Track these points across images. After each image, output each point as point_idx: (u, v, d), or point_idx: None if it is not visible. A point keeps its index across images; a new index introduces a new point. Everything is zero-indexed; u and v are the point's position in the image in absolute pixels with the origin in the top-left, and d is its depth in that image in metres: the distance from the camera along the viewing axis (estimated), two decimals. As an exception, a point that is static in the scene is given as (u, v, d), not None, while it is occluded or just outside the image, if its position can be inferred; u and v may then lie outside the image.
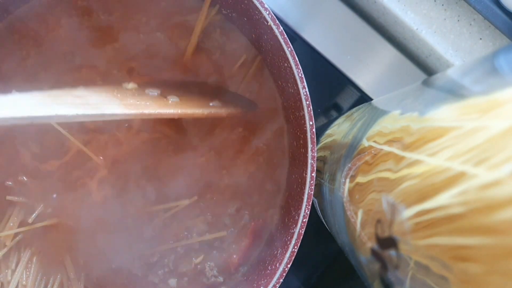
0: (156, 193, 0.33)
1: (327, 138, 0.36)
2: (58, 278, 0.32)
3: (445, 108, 0.17)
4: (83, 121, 0.32)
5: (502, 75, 0.16)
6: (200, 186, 0.34)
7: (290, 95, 0.30)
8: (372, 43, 0.45)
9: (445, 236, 0.14)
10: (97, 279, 0.32)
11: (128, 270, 0.33)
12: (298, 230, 0.28)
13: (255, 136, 0.34)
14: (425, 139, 0.17)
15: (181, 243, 0.33)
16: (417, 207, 0.16)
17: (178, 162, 0.33)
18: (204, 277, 0.33)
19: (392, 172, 0.19)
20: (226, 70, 0.34)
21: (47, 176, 0.32)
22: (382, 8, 0.42)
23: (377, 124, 0.25)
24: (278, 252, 0.30)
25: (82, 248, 0.32)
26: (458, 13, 0.40)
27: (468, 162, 0.14)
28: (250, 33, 0.33)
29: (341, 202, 0.26)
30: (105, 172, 0.32)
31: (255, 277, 0.31)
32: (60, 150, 0.32)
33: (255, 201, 0.34)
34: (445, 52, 0.41)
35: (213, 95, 0.32)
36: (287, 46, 0.28)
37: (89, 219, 0.32)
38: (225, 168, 0.34)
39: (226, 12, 0.33)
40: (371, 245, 0.21)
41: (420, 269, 0.16)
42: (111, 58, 0.33)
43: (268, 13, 0.28)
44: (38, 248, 0.32)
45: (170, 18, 0.33)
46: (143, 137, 0.33)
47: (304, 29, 0.44)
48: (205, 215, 0.34)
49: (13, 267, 0.31)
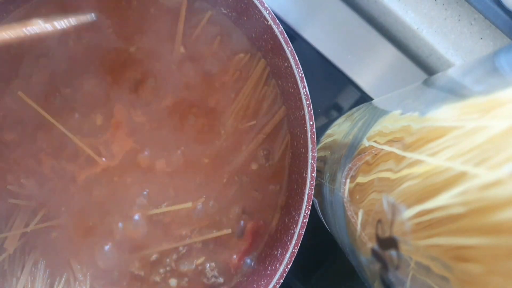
0: (156, 193, 0.33)
1: (327, 138, 0.36)
2: (64, 280, 0.32)
3: (445, 108, 0.17)
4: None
5: (503, 75, 0.16)
6: (200, 186, 0.34)
7: (290, 94, 0.30)
8: (372, 42, 0.44)
9: (445, 237, 0.14)
10: (101, 278, 0.33)
11: (129, 270, 0.33)
12: (298, 231, 0.28)
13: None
14: (426, 139, 0.17)
15: (182, 243, 0.33)
16: (417, 207, 0.16)
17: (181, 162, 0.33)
18: (204, 278, 0.33)
19: (392, 172, 0.19)
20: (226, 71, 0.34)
21: (51, 178, 0.32)
22: (382, 7, 0.42)
23: (377, 124, 0.24)
24: (278, 253, 0.30)
25: (86, 248, 0.32)
26: (458, 12, 0.40)
27: (468, 162, 0.14)
28: (250, 32, 0.33)
29: (342, 202, 0.26)
30: (108, 172, 0.32)
31: (255, 277, 0.31)
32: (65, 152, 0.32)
33: (255, 202, 0.34)
34: (446, 52, 0.41)
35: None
36: (287, 45, 0.28)
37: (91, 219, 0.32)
38: (226, 169, 0.34)
39: (226, 12, 0.33)
40: (371, 245, 0.21)
41: (421, 270, 0.16)
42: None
43: (268, 13, 0.28)
44: (42, 251, 0.32)
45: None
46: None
47: (305, 29, 0.44)
48: (205, 215, 0.34)
49: (18, 274, 0.31)
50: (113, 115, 0.33)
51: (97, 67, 0.32)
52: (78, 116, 0.32)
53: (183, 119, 0.33)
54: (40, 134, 0.32)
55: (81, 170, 0.33)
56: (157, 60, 0.33)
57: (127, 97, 0.33)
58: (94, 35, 0.32)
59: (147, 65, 0.33)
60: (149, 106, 0.33)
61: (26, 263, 0.32)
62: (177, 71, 0.33)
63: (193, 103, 0.33)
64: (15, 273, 0.32)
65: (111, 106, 0.32)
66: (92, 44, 0.32)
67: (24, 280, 0.31)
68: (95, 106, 0.32)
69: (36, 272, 0.32)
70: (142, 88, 0.33)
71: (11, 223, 0.32)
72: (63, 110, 0.32)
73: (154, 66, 0.33)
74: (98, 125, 0.33)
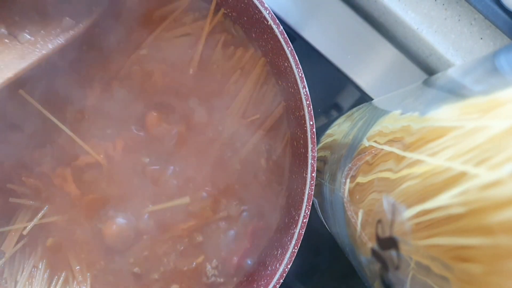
0: (156, 192, 0.33)
1: (327, 138, 0.36)
2: (63, 280, 0.32)
3: (445, 108, 0.17)
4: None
5: (503, 75, 0.16)
6: (199, 187, 0.34)
7: (290, 95, 0.30)
8: (372, 42, 0.44)
9: (445, 237, 0.14)
10: (101, 279, 0.33)
11: (129, 269, 0.33)
12: (298, 231, 0.28)
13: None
14: (426, 139, 0.17)
15: (181, 242, 0.33)
16: (417, 207, 0.16)
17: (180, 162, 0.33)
18: (204, 277, 0.33)
19: (392, 172, 0.19)
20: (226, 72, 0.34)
21: (51, 178, 0.32)
22: (382, 7, 0.42)
23: (377, 124, 0.24)
24: (278, 253, 0.30)
25: (86, 248, 0.32)
26: (458, 12, 0.40)
27: (469, 162, 0.14)
28: (250, 32, 0.33)
29: (342, 202, 0.26)
30: (107, 170, 0.32)
31: (255, 277, 0.31)
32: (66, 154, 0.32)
33: (255, 202, 0.34)
34: (446, 52, 0.41)
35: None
36: (287, 45, 0.28)
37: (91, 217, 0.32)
38: (225, 169, 0.34)
39: (226, 12, 0.33)
40: (371, 245, 0.21)
41: (421, 270, 0.16)
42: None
43: (268, 12, 0.28)
44: (42, 252, 0.32)
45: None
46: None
47: (304, 29, 0.44)
48: (204, 213, 0.34)
49: (18, 277, 0.31)
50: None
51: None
52: (83, 120, 0.33)
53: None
54: (44, 134, 0.32)
55: (82, 169, 0.33)
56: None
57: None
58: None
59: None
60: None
61: (26, 265, 0.32)
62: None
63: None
64: (15, 274, 0.32)
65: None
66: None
67: (24, 280, 0.31)
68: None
69: (36, 272, 0.32)
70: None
71: (12, 222, 0.32)
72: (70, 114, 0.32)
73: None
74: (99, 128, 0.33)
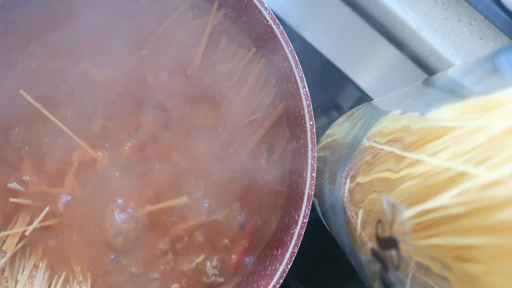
0: (155, 192, 0.33)
1: (327, 138, 0.36)
2: (63, 278, 0.32)
3: (445, 108, 0.17)
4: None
5: (503, 75, 0.16)
6: (199, 187, 0.34)
7: (290, 95, 0.30)
8: (372, 42, 0.44)
9: (445, 237, 0.14)
10: (101, 278, 0.33)
11: (129, 269, 0.33)
12: (298, 231, 0.28)
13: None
14: (426, 139, 0.17)
15: (181, 241, 0.33)
16: (418, 207, 0.16)
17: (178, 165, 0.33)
18: (204, 276, 0.33)
19: (392, 172, 0.19)
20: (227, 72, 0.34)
21: (52, 176, 0.32)
22: (382, 7, 0.42)
23: (377, 124, 0.24)
24: (278, 253, 0.30)
25: (86, 248, 0.32)
26: (458, 12, 0.40)
27: (469, 162, 0.14)
28: (250, 32, 0.33)
29: (342, 202, 0.26)
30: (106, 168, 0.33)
31: (255, 277, 0.31)
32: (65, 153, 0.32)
33: (255, 202, 0.34)
34: (446, 52, 0.41)
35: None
36: (287, 45, 0.28)
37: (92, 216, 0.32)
38: (225, 169, 0.34)
39: (226, 12, 0.33)
40: (371, 245, 0.21)
41: (421, 270, 0.16)
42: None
43: (268, 13, 0.28)
44: (43, 252, 0.32)
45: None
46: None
47: (305, 29, 0.44)
48: (204, 212, 0.34)
49: (18, 277, 0.31)
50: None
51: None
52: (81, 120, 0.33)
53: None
54: (42, 133, 0.32)
55: (82, 170, 0.33)
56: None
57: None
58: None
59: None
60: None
61: (26, 265, 0.32)
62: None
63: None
64: (15, 274, 0.32)
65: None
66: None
67: (25, 279, 0.31)
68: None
69: (36, 272, 0.32)
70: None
71: (13, 223, 0.32)
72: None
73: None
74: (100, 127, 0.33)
